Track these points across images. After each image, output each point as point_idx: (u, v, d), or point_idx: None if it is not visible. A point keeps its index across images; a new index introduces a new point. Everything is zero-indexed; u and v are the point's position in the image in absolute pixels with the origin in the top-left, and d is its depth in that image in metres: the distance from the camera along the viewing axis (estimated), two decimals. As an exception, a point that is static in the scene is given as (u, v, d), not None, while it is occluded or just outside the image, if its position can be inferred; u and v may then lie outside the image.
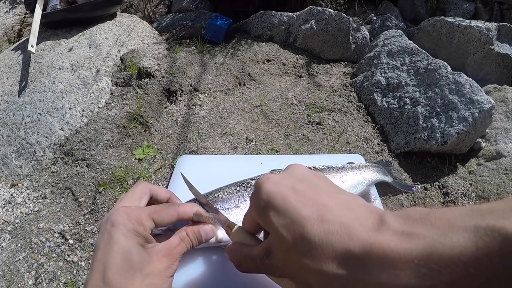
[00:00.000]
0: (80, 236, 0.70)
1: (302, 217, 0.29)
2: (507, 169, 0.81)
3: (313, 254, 0.27)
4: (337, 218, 0.28)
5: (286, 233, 0.29)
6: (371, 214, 0.28)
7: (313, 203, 0.30)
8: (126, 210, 0.38)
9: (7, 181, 0.85)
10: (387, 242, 0.24)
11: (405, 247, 0.23)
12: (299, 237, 0.28)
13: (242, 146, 0.91)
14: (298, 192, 0.31)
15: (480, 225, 0.21)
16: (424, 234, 0.23)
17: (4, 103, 0.97)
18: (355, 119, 1.02)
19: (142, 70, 1.07)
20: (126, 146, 0.89)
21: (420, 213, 0.25)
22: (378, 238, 0.25)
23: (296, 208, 0.30)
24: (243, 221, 0.40)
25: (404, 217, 0.26)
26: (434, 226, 0.23)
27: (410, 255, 0.23)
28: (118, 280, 0.34)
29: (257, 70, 1.18)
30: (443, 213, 0.24)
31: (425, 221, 0.24)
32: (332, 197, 0.31)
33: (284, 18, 1.31)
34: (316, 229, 0.27)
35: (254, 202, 0.34)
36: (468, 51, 1.21)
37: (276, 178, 0.34)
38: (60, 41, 1.11)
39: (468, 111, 0.84)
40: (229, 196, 0.54)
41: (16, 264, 0.66)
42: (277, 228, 0.30)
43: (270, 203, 0.31)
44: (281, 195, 0.31)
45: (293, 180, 0.34)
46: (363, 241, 0.25)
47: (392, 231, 0.25)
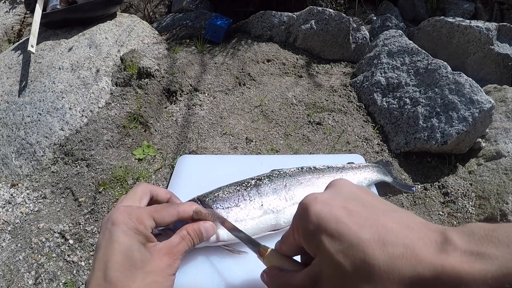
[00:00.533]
0: (80, 236, 0.70)
1: (362, 241, 0.27)
2: (507, 169, 0.81)
3: (377, 280, 0.25)
4: (400, 239, 0.26)
5: (344, 259, 0.27)
6: (432, 232, 0.27)
7: (371, 224, 0.28)
8: (126, 209, 0.39)
9: (7, 181, 0.85)
10: (459, 264, 0.23)
11: (479, 268, 0.22)
12: (360, 263, 0.26)
13: (242, 146, 0.91)
14: (352, 212, 0.29)
15: None
16: (495, 253, 0.23)
17: (4, 103, 0.97)
18: (355, 119, 1.02)
19: (142, 70, 1.07)
20: (126, 146, 0.89)
21: (484, 229, 0.24)
22: (449, 259, 0.24)
23: (353, 231, 0.28)
24: (281, 243, 0.37)
25: (468, 234, 0.25)
26: (503, 244, 0.23)
27: (485, 276, 0.22)
28: (120, 278, 0.34)
29: (257, 70, 1.18)
30: (508, 229, 0.23)
31: (493, 239, 0.23)
32: (389, 216, 0.29)
33: (284, 18, 1.31)
34: (379, 253, 0.26)
35: (301, 225, 0.31)
36: (468, 51, 1.21)
37: (324, 197, 0.31)
38: (60, 41, 1.11)
39: (468, 111, 0.84)
40: (229, 195, 0.54)
41: (16, 264, 0.66)
42: (332, 254, 0.28)
43: (321, 226, 0.29)
44: (334, 217, 0.29)
45: (344, 200, 0.31)
46: (433, 263, 0.24)
47: (460, 251, 0.24)
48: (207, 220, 0.44)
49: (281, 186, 0.57)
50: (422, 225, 0.27)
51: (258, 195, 0.55)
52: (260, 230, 0.52)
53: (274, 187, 0.56)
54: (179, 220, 0.42)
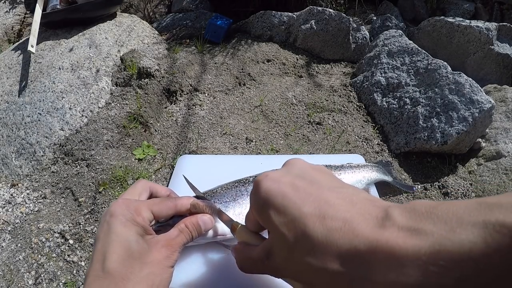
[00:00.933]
0: (80, 236, 0.70)
1: (304, 214, 0.28)
2: (507, 169, 0.81)
3: (316, 252, 0.26)
4: (340, 213, 0.27)
5: (287, 231, 0.28)
6: (375, 208, 0.27)
7: (314, 199, 0.29)
8: (125, 202, 0.39)
9: (7, 181, 0.85)
10: (394, 239, 0.23)
11: (412, 244, 0.22)
12: (301, 235, 0.27)
13: (242, 146, 0.91)
14: (298, 188, 0.31)
15: (489, 220, 0.21)
16: (431, 230, 0.22)
17: (4, 103, 0.97)
18: (355, 119, 1.02)
19: (142, 70, 1.07)
20: (126, 146, 0.89)
21: (425, 206, 0.24)
22: (384, 234, 0.24)
23: (296, 205, 0.29)
24: (245, 220, 0.39)
25: (409, 210, 0.25)
26: (441, 221, 0.23)
27: (418, 252, 0.22)
28: (118, 269, 0.34)
29: (257, 70, 1.18)
30: (449, 207, 0.23)
31: (432, 216, 0.23)
32: (334, 191, 0.30)
33: (284, 18, 1.31)
34: (318, 226, 0.27)
35: (253, 200, 0.33)
36: (468, 51, 1.21)
37: (275, 175, 0.33)
38: (60, 41, 1.11)
39: (468, 111, 0.84)
40: (227, 191, 0.54)
41: (16, 264, 0.66)
42: (277, 227, 0.29)
43: (269, 201, 0.31)
44: (281, 193, 0.30)
45: (293, 177, 0.33)
46: (368, 237, 0.24)
47: (398, 226, 0.24)
48: (205, 213, 0.44)
49: None
50: (367, 201, 0.28)
51: None
52: None
53: None
54: (177, 213, 0.43)
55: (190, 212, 0.43)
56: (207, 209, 0.44)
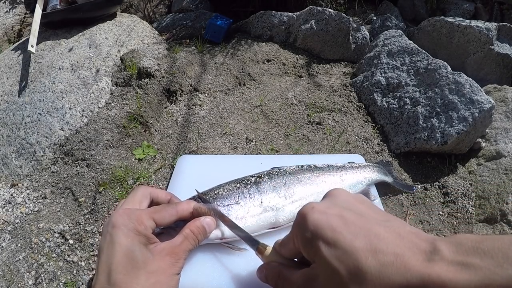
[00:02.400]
0: (80, 236, 0.70)
1: (355, 249, 0.28)
2: (507, 169, 0.81)
3: (369, 286, 0.27)
4: (391, 248, 0.28)
5: (339, 265, 0.29)
6: (422, 241, 0.28)
7: (365, 233, 0.29)
8: (126, 212, 0.39)
9: (7, 181, 0.85)
10: (444, 273, 0.24)
11: (463, 278, 0.23)
12: (353, 269, 0.28)
13: (242, 146, 0.91)
14: (347, 222, 0.31)
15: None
16: (479, 265, 0.24)
17: (4, 103, 0.97)
18: (355, 119, 1.02)
19: (142, 70, 1.07)
20: (126, 146, 0.89)
21: (471, 241, 0.25)
22: (435, 268, 0.25)
23: (348, 239, 0.29)
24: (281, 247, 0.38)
25: (455, 245, 0.26)
26: (488, 256, 0.24)
27: (468, 285, 0.23)
28: (123, 279, 0.34)
29: (257, 70, 1.18)
30: (494, 242, 0.24)
31: (478, 250, 0.24)
32: (382, 225, 0.30)
33: (284, 18, 1.31)
34: (371, 261, 0.27)
35: (299, 232, 0.33)
36: (468, 51, 1.21)
37: (321, 207, 0.33)
38: (60, 41, 1.11)
39: (468, 111, 0.84)
40: (229, 193, 0.54)
41: (16, 264, 0.66)
42: (328, 260, 0.29)
43: (318, 234, 0.31)
44: (330, 226, 0.31)
45: (340, 209, 0.33)
46: (420, 272, 0.25)
47: (447, 261, 0.25)
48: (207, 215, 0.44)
49: (280, 184, 0.57)
50: (413, 234, 0.29)
51: (258, 192, 0.55)
52: (260, 228, 0.53)
53: (274, 185, 0.56)
54: (179, 218, 0.43)
55: (192, 216, 0.43)
56: (209, 213, 0.44)
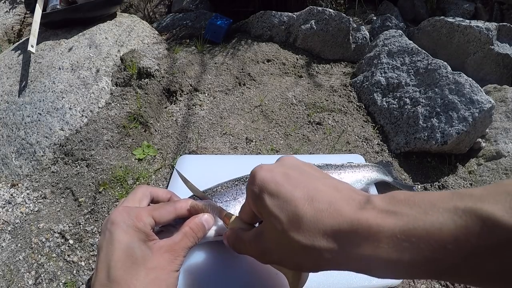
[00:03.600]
0: (80, 236, 0.70)
1: (294, 197, 0.31)
2: (507, 169, 0.81)
3: (305, 230, 0.29)
4: (326, 197, 0.30)
5: (279, 212, 0.31)
6: (358, 194, 0.30)
7: (304, 185, 0.32)
8: (125, 209, 0.39)
9: (7, 181, 0.85)
10: (373, 219, 0.26)
11: (388, 223, 0.25)
12: (291, 215, 0.30)
13: (242, 146, 0.91)
14: (289, 177, 0.34)
15: (459, 206, 0.23)
16: (407, 212, 0.25)
17: (4, 103, 0.97)
18: (355, 119, 1.02)
19: (142, 70, 1.07)
20: (126, 146, 0.89)
21: (404, 194, 0.27)
22: (364, 215, 0.27)
23: (288, 190, 0.32)
24: (240, 211, 0.41)
25: (389, 197, 0.28)
26: (416, 205, 0.25)
27: (393, 230, 0.25)
28: (123, 276, 0.34)
29: (257, 70, 1.18)
30: (425, 195, 0.26)
31: (409, 202, 0.26)
32: (321, 180, 0.33)
33: (284, 18, 1.31)
34: (307, 208, 0.30)
35: (249, 189, 0.36)
36: (468, 51, 1.21)
37: (269, 166, 0.37)
38: (60, 41, 1.11)
39: (468, 111, 0.84)
40: (227, 189, 0.54)
41: (16, 264, 0.66)
42: (271, 209, 0.32)
43: (264, 188, 0.34)
44: (274, 180, 0.34)
45: (285, 168, 0.36)
46: (351, 217, 0.27)
47: (377, 209, 0.27)
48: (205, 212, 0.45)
49: None
50: (350, 189, 0.32)
51: None
52: None
53: None
54: (178, 216, 0.43)
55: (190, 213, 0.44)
56: (207, 209, 0.44)
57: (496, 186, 0.23)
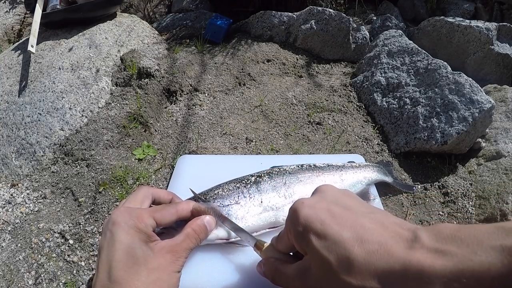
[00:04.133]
0: (80, 236, 0.70)
1: (343, 239, 0.31)
2: (507, 169, 0.81)
3: (356, 272, 0.29)
4: (375, 237, 0.30)
5: (328, 254, 0.31)
6: (404, 230, 0.30)
7: (351, 224, 0.32)
8: (127, 210, 0.39)
9: (7, 181, 0.85)
10: (423, 259, 0.26)
11: (439, 264, 0.26)
12: (341, 257, 0.30)
13: (242, 146, 0.91)
14: (335, 215, 0.33)
15: (506, 244, 0.24)
16: (455, 251, 0.26)
17: (4, 103, 0.97)
18: (355, 119, 1.02)
19: (142, 70, 1.07)
20: (126, 146, 0.89)
21: (450, 229, 0.28)
22: (415, 255, 0.27)
23: (336, 230, 0.32)
24: (277, 242, 0.40)
25: (435, 233, 0.28)
26: (464, 243, 0.26)
27: (444, 270, 0.25)
28: (124, 276, 0.34)
29: (257, 70, 1.18)
30: (471, 231, 0.26)
31: (456, 238, 0.27)
32: (367, 217, 0.33)
33: (284, 18, 1.31)
34: (357, 250, 0.29)
35: (292, 227, 0.35)
36: (468, 51, 1.21)
37: (311, 202, 0.36)
38: (60, 41, 1.11)
39: (468, 111, 0.84)
40: (229, 193, 0.54)
41: (16, 264, 0.66)
42: (318, 250, 0.32)
43: (309, 227, 0.33)
44: (319, 219, 0.33)
45: (328, 203, 0.35)
46: (402, 258, 0.27)
47: (426, 248, 0.27)
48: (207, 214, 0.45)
49: (280, 184, 0.57)
50: (396, 224, 0.32)
51: (258, 192, 0.55)
52: (260, 227, 0.53)
53: (273, 185, 0.56)
54: (179, 218, 0.43)
55: (192, 215, 0.43)
56: (209, 212, 0.44)
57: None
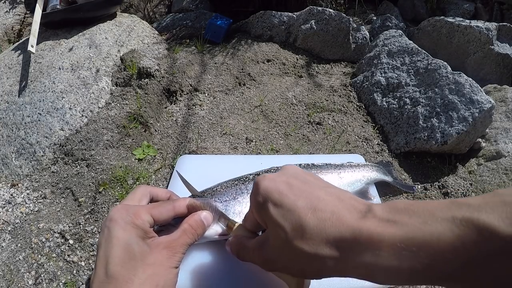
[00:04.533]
0: (80, 236, 0.70)
1: (298, 207, 0.32)
2: (507, 169, 0.81)
3: (309, 239, 0.30)
4: (329, 207, 0.31)
5: (283, 221, 0.32)
6: (359, 203, 0.31)
7: (307, 195, 0.33)
8: (124, 207, 0.39)
9: (7, 181, 0.85)
10: (374, 228, 0.27)
11: (389, 232, 0.26)
12: (295, 224, 0.31)
13: (242, 146, 0.91)
14: (292, 186, 0.34)
15: (457, 216, 0.24)
16: (406, 221, 0.26)
17: (4, 103, 0.97)
18: (355, 119, 1.02)
19: (142, 70, 1.07)
20: (126, 146, 0.89)
21: (404, 203, 0.28)
22: (366, 224, 0.28)
23: (291, 200, 0.33)
24: (244, 219, 0.42)
25: (390, 206, 0.29)
26: (416, 215, 0.26)
27: (393, 239, 0.26)
28: (121, 271, 0.34)
29: (257, 70, 1.18)
30: (424, 205, 0.27)
31: (408, 211, 0.27)
32: (323, 190, 0.34)
33: (284, 18, 1.31)
34: (310, 217, 0.30)
35: (253, 199, 0.37)
36: (468, 51, 1.21)
37: (272, 175, 0.37)
38: (60, 41, 1.11)
39: (468, 111, 0.84)
40: (227, 189, 0.54)
41: (16, 264, 0.66)
42: (275, 219, 0.33)
43: (268, 197, 0.34)
44: (278, 190, 0.34)
45: (288, 177, 0.37)
46: (353, 226, 0.28)
47: (378, 218, 0.28)
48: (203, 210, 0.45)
49: None
50: (352, 198, 0.33)
51: None
52: None
53: None
54: (176, 215, 0.43)
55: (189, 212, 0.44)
56: (205, 207, 0.45)
57: (492, 196, 0.24)
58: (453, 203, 0.25)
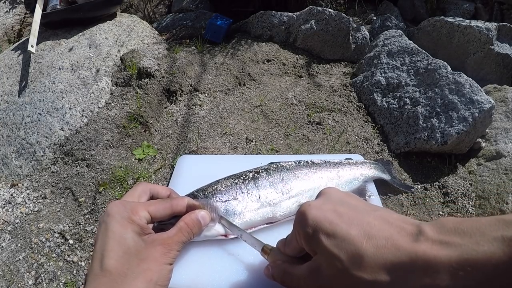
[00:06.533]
0: (80, 236, 0.70)
1: (352, 236, 0.32)
2: (507, 169, 0.81)
3: (367, 267, 0.30)
4: (382, 233, 0.31)
5: (338, 251, 0.32)
6: (408, 225, 0.32)
7: (357, 222, 0.33)
8: (122, 202, 0.40)
9: (7, 181, 0.85)
10: (429, 250, 0.28)
11: (444, 254, 0.27)
12: (352, 254, 0.31)
13: (242, 146, 0.91)
14: (341, 214, 0.35)
15: (506, 235, 0.25)
16: (459, 242, 0.27)
17: (4, 103, 0.97)
18: (355, 119, 1.02)
19: (142, 70, 1.07)
20: (126, 146, 0.89)
21: (452, 222, 0.29)
22: (421, 247, 0.29)
23: (344, 229, 0.33)
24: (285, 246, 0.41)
25: (438, 226, 0.30)
26: (467, 235, 0.27)
27: (449, 260, 0.27)
28: (115, 265, 0.35)
29: (257, 70, 1.18)
30: (473, 223, 0.28)
31: (458, 230, 0.28)
32: (371, 215, 0.34)
33: (284, 18, 1.31)
34: (366, 246, 0.31)
35: (301, 230, 0.36)
36: (468, 51, 1.21)
37: (317, 204, 0.37)
38: (60, 41, 1.11)
39: (468, 111, 0.84)
40: (227, 188, 0.54)
41: (16, 264, 0.66)
42: (329, 249, 0.33)
43: (318, 228, 0.35)
44: (327, 220, 0.35)
45: (333, 204, 0.37)
46: (408, 250, 0.29)
47: (431, 240, 0.29)
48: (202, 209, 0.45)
49: (278, 180, 0.58)
50: (399, 220, 0.33)
51: (256, 188, 0.55)
52: (257, 223, 0.53)
53: (271, 180, 0.57)
54: (174, 213, 0.43)
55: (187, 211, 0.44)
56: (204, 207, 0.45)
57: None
58: (501, 221, 0.27)
